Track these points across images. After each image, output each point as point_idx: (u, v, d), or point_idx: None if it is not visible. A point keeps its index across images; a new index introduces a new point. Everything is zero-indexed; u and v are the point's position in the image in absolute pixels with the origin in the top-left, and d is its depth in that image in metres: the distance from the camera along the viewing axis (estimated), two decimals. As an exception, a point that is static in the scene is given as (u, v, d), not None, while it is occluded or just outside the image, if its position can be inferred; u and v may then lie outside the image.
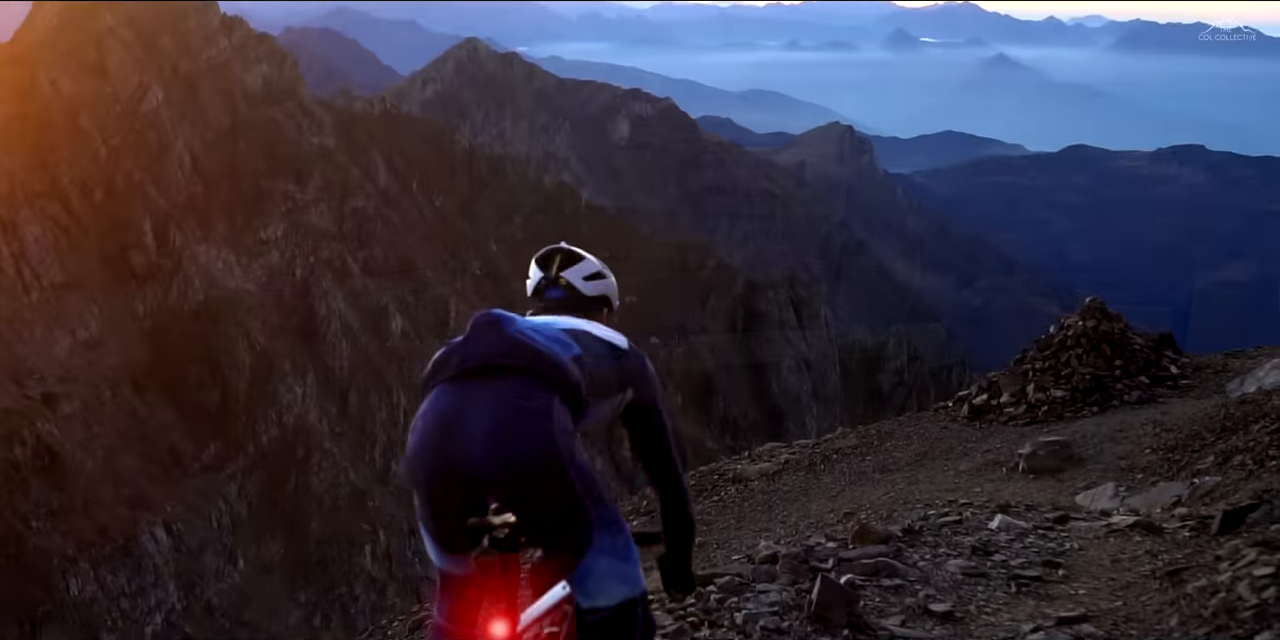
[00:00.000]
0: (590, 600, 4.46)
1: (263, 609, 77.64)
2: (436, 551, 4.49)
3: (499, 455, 4.13)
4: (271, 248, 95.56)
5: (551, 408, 4.28)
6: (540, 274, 5.61)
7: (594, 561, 4.36)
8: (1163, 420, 21.62)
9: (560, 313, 5.24)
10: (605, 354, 4.86)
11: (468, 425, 4.19)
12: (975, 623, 9.43)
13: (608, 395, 4.79)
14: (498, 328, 4.49)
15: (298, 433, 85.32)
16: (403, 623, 19.88)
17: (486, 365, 4.36)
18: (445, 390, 4.41)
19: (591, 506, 4.35)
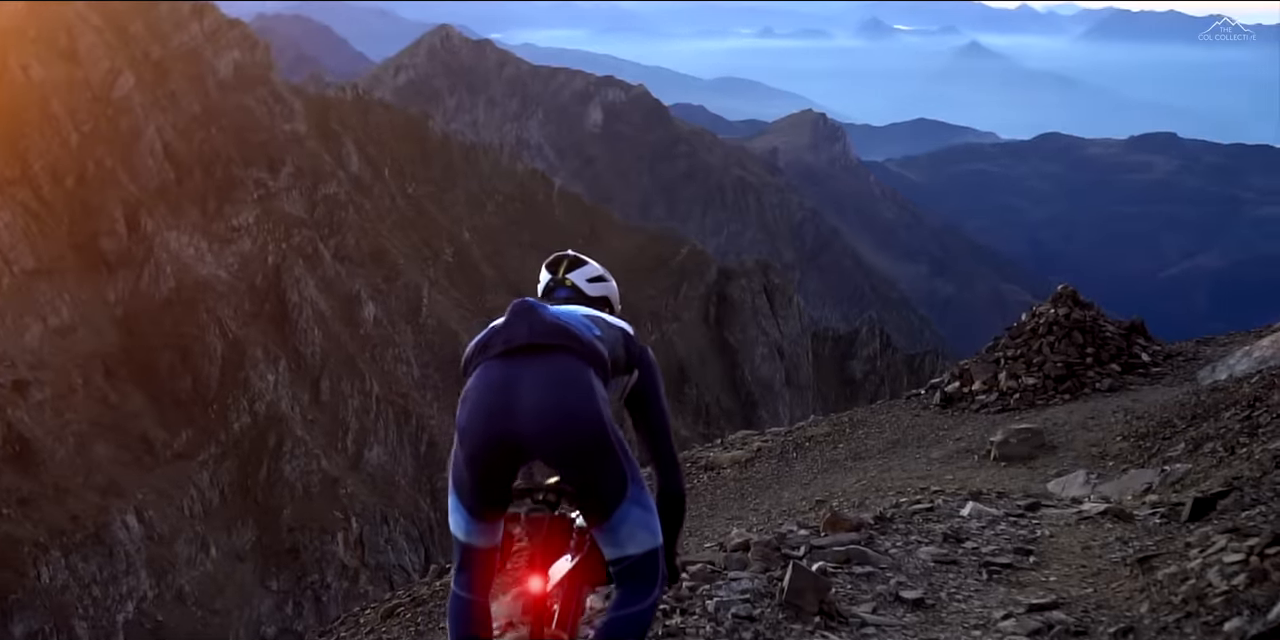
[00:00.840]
0: (620, 550, 4.89)
1: (235, 597, 77.53)
2: (466, 522, 4.95)
3: (552, 421, 4.65)
4: (243, 235, 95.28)
5: (592, 379, 4.80)
6: (549, 276, 6.01)
7: (627, 511, 4.83)
8: (1134, 408, 21.67)
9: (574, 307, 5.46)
10: (619, 339, 5.28)
11: (519, 396, 4.71)
12: (946, 610, 9.44)
13: (618, 375, 5.23)
14: (535, 312, 4.98)
15: (270, 420, 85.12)
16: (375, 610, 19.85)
17: (529, 345, 4.85)
18: (492, 366, 4.90)
19: (626, 464, 4.84)
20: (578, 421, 4.68)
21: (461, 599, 5.11)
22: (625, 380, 5.38)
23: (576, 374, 4.77)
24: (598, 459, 4.73)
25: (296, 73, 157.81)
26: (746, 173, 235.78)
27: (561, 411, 4.67)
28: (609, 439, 4.74)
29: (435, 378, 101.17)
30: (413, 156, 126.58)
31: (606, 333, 5.19)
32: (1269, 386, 18.17)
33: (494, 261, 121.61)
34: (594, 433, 4.69)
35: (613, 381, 5.13)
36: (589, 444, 4.70)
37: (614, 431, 4.78)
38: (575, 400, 4.71)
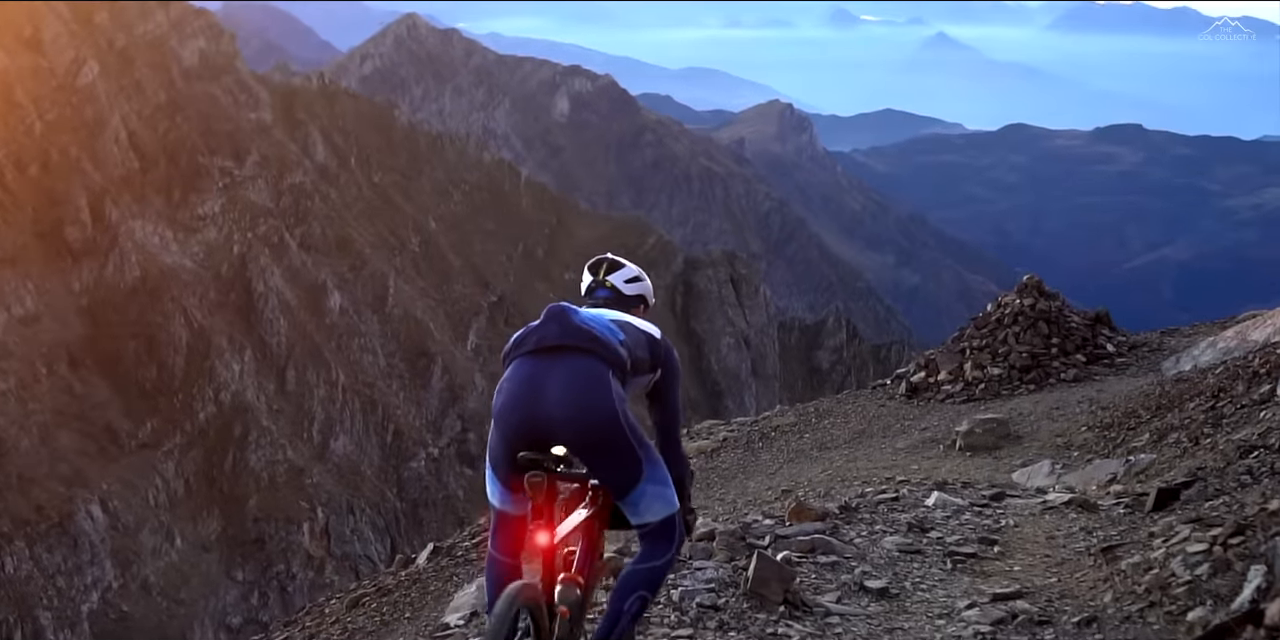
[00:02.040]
0: (641, 518, 5.70)
1: (200, 587, 77.37)
2: (500, 493, 5.80)
3: (573, 414, 5.41)
4: (209, 224, 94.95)
5: (610, 379, 5.53)
6: (592, 278, 6.69)
7: (644, 489, 5.61)
8: (1099, 398, 21.76)
9: (606, 308, 6.30)
10: (644, 342, 6.00)
11: (546, 390, 5.48)
12: (911, 599, 9.48)
13: (642, 373, 5.97)
14: (566, 317, 5.70)
15: (235, 410, 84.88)
16: (340, 600, 19.82)
17: (559, 345, 5.60)
18: (525, 362, 5.68)
19: (640, 451, 5.58)
20: (595, 415, 5.43)
21: (496, 560, 5.90)
22: (649, 378, 6.12)
23: (597, 374, 5.51)
24: (612, 448, 5.49)
25: (262, 62, 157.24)
26: (713, 163, 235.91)
27: (581, 406, 5.42)
28: (622, 431, 5.48)
29: (401, 367, 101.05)
30: (379, 146, 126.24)
31: (631, 336, 5.87)
32: (1233, 377, 18.23)
33: (460, 251, 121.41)
34: (609, 426, 5.45)
35: (637, 379, 5.93)
36: (604, 435, 5.45)
37: (628, 424, 5.52)
38: (594, 397, 5.45)
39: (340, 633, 17.05)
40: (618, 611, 5.68)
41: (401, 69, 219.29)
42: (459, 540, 21.80)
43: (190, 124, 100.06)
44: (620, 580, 5.77)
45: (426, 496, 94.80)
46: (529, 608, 5.41)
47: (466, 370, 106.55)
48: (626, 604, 5.68)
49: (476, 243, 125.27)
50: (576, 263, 79.63)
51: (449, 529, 42.51)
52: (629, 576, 5.74)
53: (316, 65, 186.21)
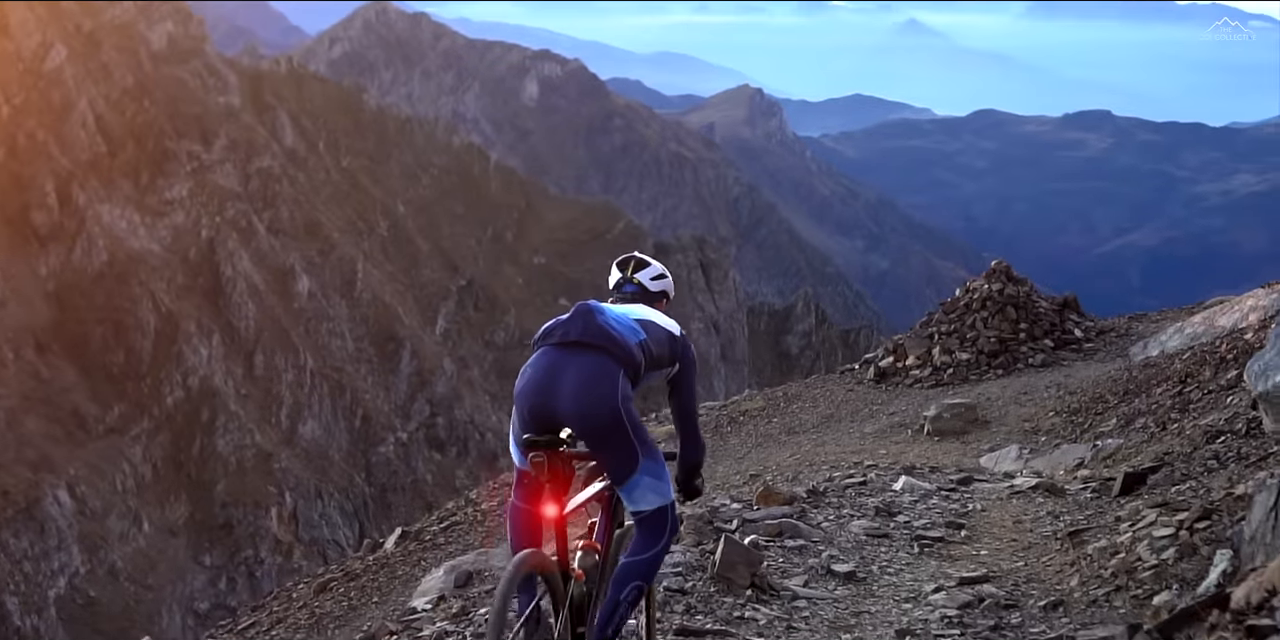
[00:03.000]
0: (636, 506, 6.17)
1: (168, 572, 77.18)
2: (519, 456, 6.15)
3: (580, 407, 5.90)
4: (176, 208, 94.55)
5: (618, 379, 5.98)
6: (620, 274, 7.21)
7: (639, 479, 6.06)
8: (1066, 383, 21.85)
9: (632, 302, 6.88)
10: (665, 339, 6.49)
11: (561, 381, 5.96)
12: (878, 583, 9.51)
13: (661, 367, 6.48)
14: (590, 316, 6.20)
15: (203, 394, 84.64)
16: (308, 585, 19.79)
17: (579, 341, 6.07)
18: (548, 351, 6.15)
19: (639, 446, 6.01)
20: (599, 409, 5.89)
21: (518, 507, 6.35)
22: (669, 370, 6.61)
23: (607, 372, 5.97)
24: (612, 440, 5.95)
25: (231, 45, 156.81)
26: (683, 147, 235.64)
27: (588, 400, 5.89)
28: (623, 424, 5.92)
29: (370, 352, 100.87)
30: (347, 129, 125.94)
31: (653, 335, 6.38)
32: (1200, 363, 18.32)
33: (429, 235, 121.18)
34: (610, 420, 5.90)
35: (656, 372, 6.46)
36: (606, 428, 5.91)
37: (629, 418, 5.97)
38: (600, 393, 5.91)
39: (308, 617, 17.03)
40: (616, 600, 6.12)
41: (370, 53, 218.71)
42: (427, 525, 21.81)
43: (158, 108, 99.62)
44: (617, 572, 6.19)
45: (395, 481, 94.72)
46: (541, 574, 5.89)
47: (435, 354, 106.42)
48: (624, 594, 6.12)
49: (445, 226, 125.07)
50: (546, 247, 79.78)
51: (417, 514, 42.50)
52: (625, 568, 6.19)
53: (285, 49, 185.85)
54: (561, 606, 6.01)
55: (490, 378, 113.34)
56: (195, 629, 63.52)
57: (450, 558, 15.47)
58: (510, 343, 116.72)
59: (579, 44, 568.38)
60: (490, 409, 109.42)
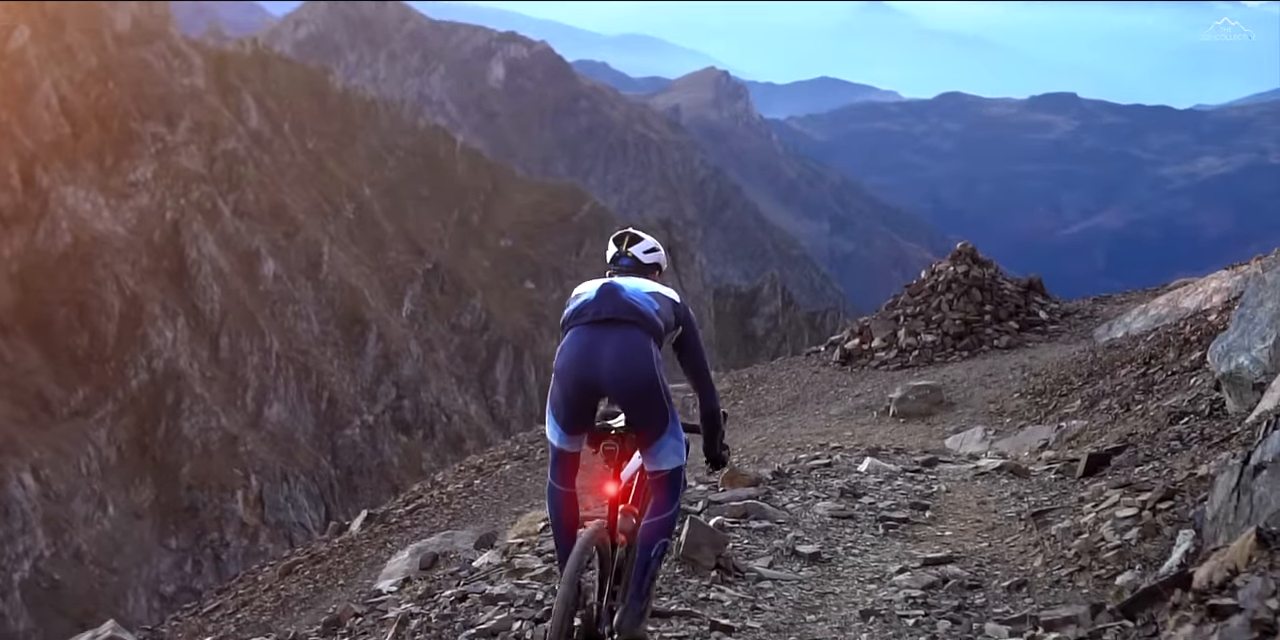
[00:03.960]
0: (657, 466, 6.81)
1: (133, 555, 77.00)
2: (559, 434, 6.85)
3: (622, 376, 6.60)
4: (141, 190, 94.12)
5: (650, 348, 6.71)
6: (616, 248, 7.77)
7: (664, 441, 6.75)
8: (1031, 365, 21.94)
9: (628, 274, 7.42)
10: (670, 307, 7.14)
11: (601, 355, 6.63)
12: (842, 564, 9.54)
13: (669, 332, 7.09)
14: (616, 294, 6.86)
15: (168, 377, 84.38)
16: (274, 568, 19.78)
17: (611, 318, 6.74)
18: (582, 331, 6.79)
19: (669, 408, 6.73)
20: (639, 378, 6.61)
21: (556, 489, 7.01)
22: (674, 334, 7.22)
23: (641, 344, 6.68)
24: (650, 403, 6.66)
25: (195, 26, 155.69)
26: (649, 130, 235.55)
27: (629, 371, 6.59)
28: (659, 391, 6.65)
29: (336, 334, 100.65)
30: (313, 111, 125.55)
31: (662, 305, 7.05)
32: (1164, 344, 18.40)
33: (395, 217, 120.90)
34: (649, 386, 6.62)
35: (667, 336, 7.06)
36: (645, 393, 6.63)
37: (663, 386, 6.70)
38: (639, 363, 6.61)
39: (273, 600, 17.04)
40: (647, 559, 6.76)
41: (335, 34, 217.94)
42: (393, 507, 21.83)
43: (122, 89, 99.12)
44: (642, 534, 6.82)
45: (361, 464, 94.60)
46: (599, 547, 6.70)
47: (401, 337, 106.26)
48: (654, 551, 6.76)
49: (411, 209, 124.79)
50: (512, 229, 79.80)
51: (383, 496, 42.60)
52: (650, 528, 6.82)
53: (250, 30, 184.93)
54: (609, 572, 6.88)
55: (456, 360, 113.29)
56: (161, 612, 63.31)
57: (416, 540, 15.51)
58: (476, 325, 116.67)
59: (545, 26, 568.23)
60: (457, 392, 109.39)
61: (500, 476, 21.45)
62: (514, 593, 8.55)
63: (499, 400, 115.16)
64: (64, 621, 65.58)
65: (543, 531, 10.85)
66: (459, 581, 9.69)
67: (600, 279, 7.23)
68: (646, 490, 7.16)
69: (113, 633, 16.65)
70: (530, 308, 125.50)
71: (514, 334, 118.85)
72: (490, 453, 25.77)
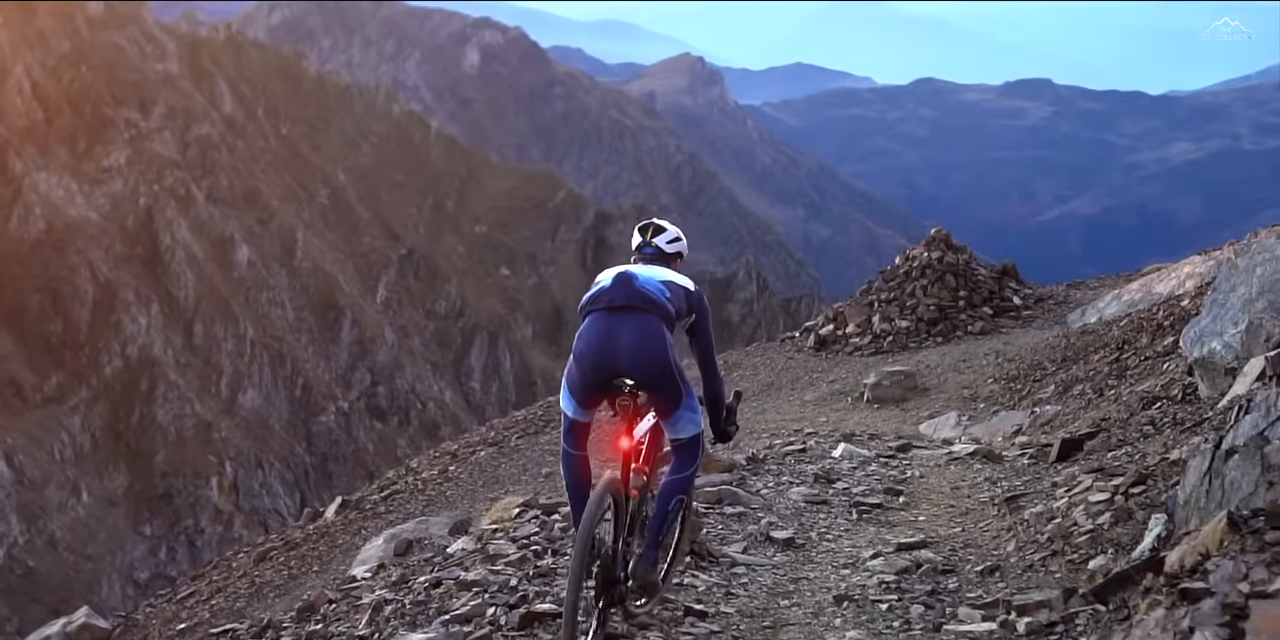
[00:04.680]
0: (677, 434, 7.47)
1: (108, 542, 76.89)
2: (574, 408, 7.46)
3: (639, 360, 7.18)
4: (114, 176, 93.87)
5: (663, 333, 7.29)
6: (641, 238, 8.22)
7: (681, 413, 7.39)
8: (1005, 350, 21.99)
9: (651, 263, 7.98)
10: (683, 295, 7.67)
11: (619, 340, 7.20)
12: (816, 549, 9.56)
13: (682, 317, 7.66)
14: (631, 283, 7.41)
15: (142, 364, 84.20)
16: (248, 555, 19.75)
17: (626, 305, 7.30)
18: (600, 316, 7.37)
19: (681, 386, 7.33)
20: (654, 361, 7.19)
21: (570, 454, 7.61)
22: (687, 320, 7.78)
23: (654, 328, 7.26)
24: (664, 382, 7.24)
25: (168, 11, 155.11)
26: (624, 116, 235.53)
27: (645, 355, 7.18)
28: (672, 371, 7.23)
29: (310, 321, 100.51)
30: (287, 97, 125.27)
31: (675, 293, 7.56)
32: (1137, 330, 18.45)
33: (369, 203, 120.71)
34: (663, 367, 7.20)
35: (679, 322, 7.62)
36: (659, 373, 7.21)
37: (676, 366, 7.28)
38: (653, 347, 7.20)
39: (248, 586, 17.02)
40: (664, 512, 7.42)
41: (310, 19, 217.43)
42: (368, 494, 21.81)
43: (95, 74, 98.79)
44: (661, 489, 7.48)
45: (336, 450, 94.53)
46: (615, 495, 7.20)
47: (376, 323, 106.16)
48: (670, 505, 7.43)
49: (386, 195, 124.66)
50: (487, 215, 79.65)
51: (358, 483, 42.53)
52: (668, 485, 7.48)
53: (223, 16, 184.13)
54: (623, 521, 7.37)
55: (431, 346, 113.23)
56: (135, 598, 63.23)
57: (390, 526, 15.50)
58: (451, 312, 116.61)
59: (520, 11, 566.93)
60: (431, 378, 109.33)
61: (475, 463, 21.45)
62: (488, 579, 8.53)
63: (474, 387, 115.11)
64: (38, 608, 65.42)
65: (517, 517, 10.85)
66: (433, 568, 9.70)
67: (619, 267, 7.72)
68: (657, 454, 7.93)
69: (86, 619, 16.64)
70: (505, 294, 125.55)
71: (489, 320, 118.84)
72: (465, 439, 25.80)
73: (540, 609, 7.73)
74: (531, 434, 22.92)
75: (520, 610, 7.71)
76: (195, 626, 15.21)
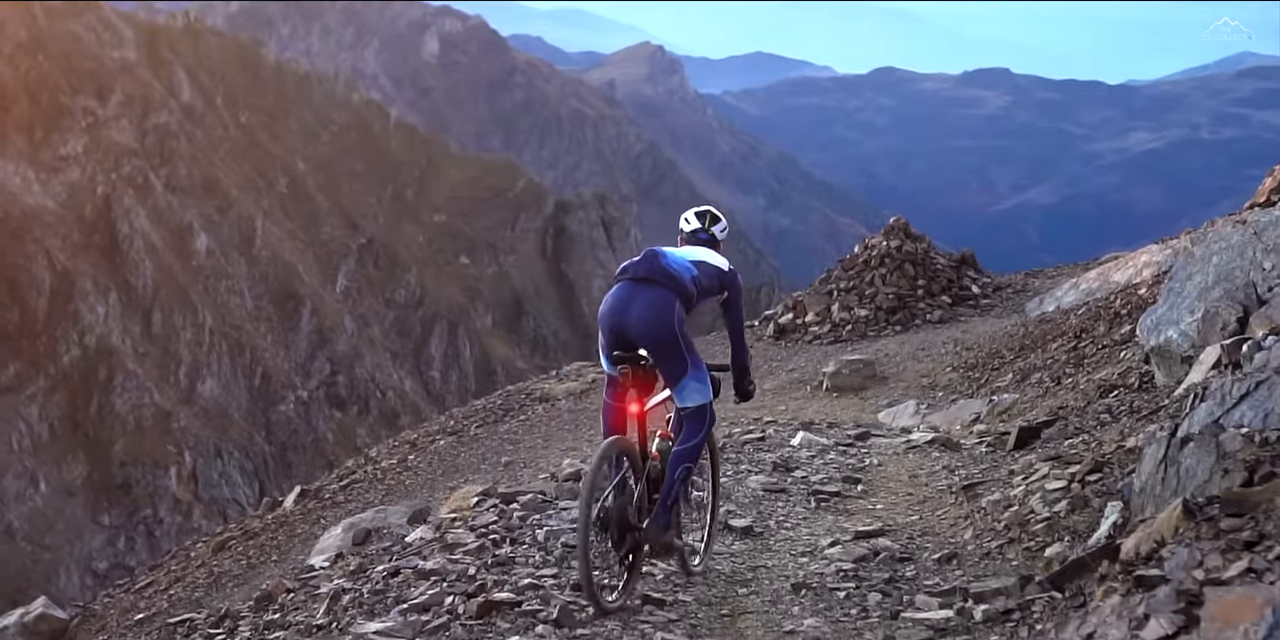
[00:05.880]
0: (684, 402, 8.15)
1: (66, 532, 76.60)
2: (608, 364, 8.22)
3: (646, 328, 7.92)
4: (72, 164, 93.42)
5: (675, 306, 7.98)
6: (698, 223, 9.11)
7: (686, 383, 8.07)
8: (963, 339, 22.04)
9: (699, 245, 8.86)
10: (714, 274, 8.48)
11: (632, 307, 7.97)
12: (774, 537, 9.59)
13: (713, 294, 8.47)
14: (655, 258, 8.21)
15: (100, 353, 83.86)
16: (206, 544, 19.70)
17: (646, 277, 8.06)
18: (624, 285, 8.14)
19: (688, 356, 8.04)
20: (661, 331, 7.92)
21: (607, 404, 8.41)
22: (719, 297, 8.59)
23: (666, 301, 7.95)
24: (669, 352, 7.97)
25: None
26: (584, 104, 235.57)
27: (653, 324, 7.91)
28: (677, 342, 7.95)
29: (270, 310, 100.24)
30: (246, 85, 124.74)
31: (704, 272, 8.35)
32: (1095, 318, 18.52)
33: (328, 192, 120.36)
34: (668, 337, 7.92)
35: (710, 298, 8.46)
36: (665, 343, 7.94)
37: (682, 337, 8.00)
38: (661, 318, 7.91)
39: (206, 576, 16.98)
40: (673, 479, 8.05)
41: (268, 7, 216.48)
42: (326, 483, 21.76)
43: (52, 62, 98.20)
44: (671, 457, 8.10)
45: (295, 440, 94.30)
46: (625, 452, 8.01)
47: (336, 312, 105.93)
48: (677, 473, 8.06)
49: (345, 184, 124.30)
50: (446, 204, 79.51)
51: (317, 472, 42.39)
52: (677, 454, 8.10)
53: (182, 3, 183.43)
54: (640, 479, 8.10)
55: (391, 336, 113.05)
56: (94, 588, 62.95)
57: (349, 515, 15.46)
58: (411, 301, 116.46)
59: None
60: (391, 367, 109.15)
61: (434, 452, 21.41)
62: (446, 568, 8.52)
63: (434, 376, 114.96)
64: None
65: (475, 506, 10.83)
66: (391, 557, 9.67)
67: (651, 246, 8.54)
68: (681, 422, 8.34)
69: (44, 609, 16.58)
70: (465, 283, 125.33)
71: (449, 309, 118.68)
72: (424, 428, 25.75)
73: (498, 598, 7.67)
74: (491, 423, 22.89)
75: (478, 599, 7.64)
76: (153, 616, 15.16)
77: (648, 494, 8.14)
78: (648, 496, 8.13)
